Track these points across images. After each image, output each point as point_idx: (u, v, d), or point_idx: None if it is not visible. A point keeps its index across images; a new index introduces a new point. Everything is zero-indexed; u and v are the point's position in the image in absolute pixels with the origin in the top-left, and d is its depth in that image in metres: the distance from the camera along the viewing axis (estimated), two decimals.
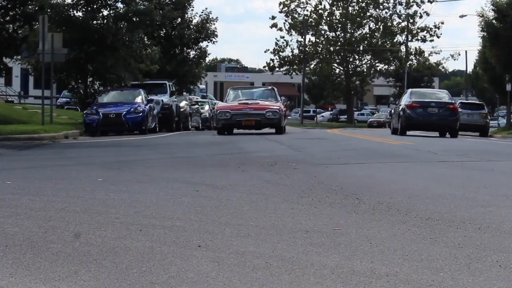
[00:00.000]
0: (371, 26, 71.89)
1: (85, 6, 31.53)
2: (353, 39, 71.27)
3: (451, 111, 26.59)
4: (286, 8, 70.93)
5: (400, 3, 70.86)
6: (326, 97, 77.43)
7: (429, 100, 27.04)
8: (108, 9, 32.05)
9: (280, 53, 71.56)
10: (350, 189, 7.13)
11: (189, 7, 45.30)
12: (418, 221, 5.30)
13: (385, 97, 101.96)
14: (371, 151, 14.25)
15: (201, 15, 45.94)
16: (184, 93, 42.26)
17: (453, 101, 27.90)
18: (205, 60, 51.31)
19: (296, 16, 71.34)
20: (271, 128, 24.55)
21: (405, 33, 70.76)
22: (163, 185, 7.70)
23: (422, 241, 4.57)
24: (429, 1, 70.27)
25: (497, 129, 49.23)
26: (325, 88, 72.03)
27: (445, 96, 28.21)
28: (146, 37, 36.79)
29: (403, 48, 71.90)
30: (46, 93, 26.13)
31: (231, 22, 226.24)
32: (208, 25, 45.78)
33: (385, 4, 71.32)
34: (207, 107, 41.23)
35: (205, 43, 46.49)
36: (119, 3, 32.10)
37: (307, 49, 70.84)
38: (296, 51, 71.93)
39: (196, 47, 46.07)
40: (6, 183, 7.87)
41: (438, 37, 72.05)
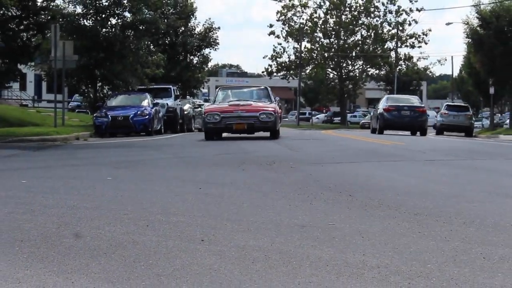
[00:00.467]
0: (363, 33, 71.70)
1: (94, 16, 31.59)
2: (346, 45, 71.14)
3: (420, 113, 29.41)
4: (283, 17, 70.79)
5: (390, 12, 70.67)
6: (321, 100, 77.44)
7: (402, 104, 29.64)
8: (116, 18, 32.13)
9: (277, 59, 71.39)
10: (344, 187, 7.14)
11: (192, 17, 45.40)
12: (407, 216, 5.31)
13: (376, 100, 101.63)
14: (363, 151, 14.23)
15: (204, 24, 46.11)
16: (188, 96, 42.25)
17: (422, 105, 31.03)
18: (207, 66, 51.34)
19: (293, 24, 71.15)
20: (265, 132, 20.29)
21: (395, 40, 70.62)
22: (168, 183, 7.71)
23: (411, 235, 4.58)
24: (417, 9, 70.11)
25: (481, 129, 49.27)
26: (320, 92, 71.91)
27: (416, 101, 31.20)
28: (152, 45, 36.79)
29: (393, 54, 71.75)
30: (58, 97, 26.12)
31: (232, 30, 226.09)
32: (210, 33, 45.86)
33: (376, 12, 71.19)
34: None
35: (207, 50, 46.62)
36: (127, 12, 32.17)
37: (303, 55, 70.75)
38: (292, 57, 71.85)
39: (199, 53, 46.13)
40: (21, 182, 7.88)
41: (426, 43, 72.34)
